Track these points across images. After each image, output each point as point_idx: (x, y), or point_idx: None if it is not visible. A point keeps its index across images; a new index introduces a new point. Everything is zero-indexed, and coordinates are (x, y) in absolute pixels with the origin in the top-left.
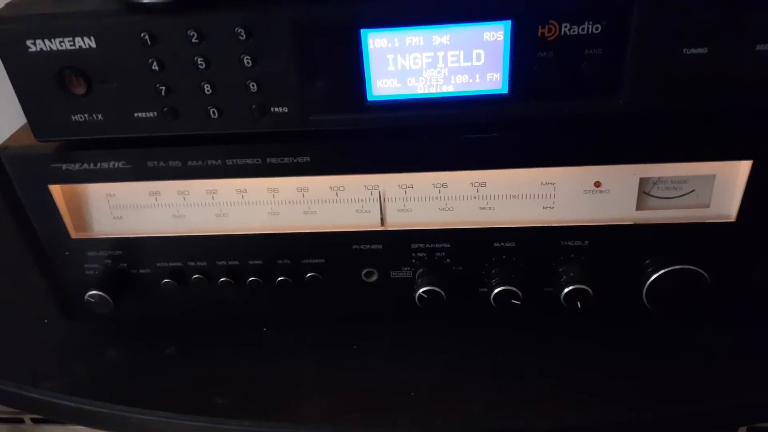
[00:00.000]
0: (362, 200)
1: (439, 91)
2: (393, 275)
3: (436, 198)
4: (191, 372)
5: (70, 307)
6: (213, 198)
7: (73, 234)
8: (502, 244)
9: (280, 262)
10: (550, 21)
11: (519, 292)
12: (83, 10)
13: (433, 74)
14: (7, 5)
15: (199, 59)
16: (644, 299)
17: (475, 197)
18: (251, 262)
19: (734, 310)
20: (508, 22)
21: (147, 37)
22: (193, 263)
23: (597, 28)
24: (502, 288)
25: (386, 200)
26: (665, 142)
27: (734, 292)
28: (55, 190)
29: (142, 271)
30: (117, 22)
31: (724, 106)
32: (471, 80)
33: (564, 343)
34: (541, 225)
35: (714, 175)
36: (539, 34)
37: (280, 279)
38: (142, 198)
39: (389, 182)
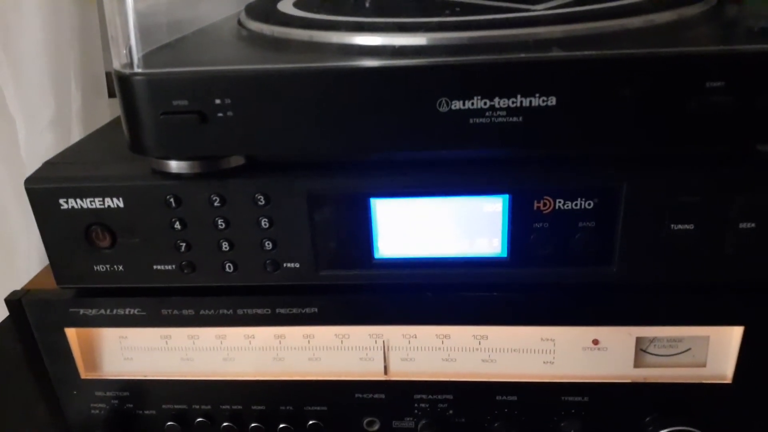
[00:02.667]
0: (366, 348)
1: (441, 254)
2: (395, 425)
3: (439, 348)
4: None
5: None
6: (221, 343)
7: (83, 374)
8: (504, 397)
9: (283, 408)
10: (545, 197)
11: None
12: (114, 174)
13: (436, 239)
14: (45, 165)
15: (219, 220)
16: None
17: (477, 349)
18: (254, 407)
19: None
20: (506, 196)
21: (172, 200)
22: (197, 406)
23: (589, 204)
24: None
25: (390, 349)
26: (658, 307)
27: None
28: (71, 333)
29: (147, 412)
30: (145, 186)
31: (712, 279)
32: (471, 245)
33: None
34: (542, 380)
35: (708, 337)
36: (535, 208)
37: (281, 426)
38: (153, 341)
39: (393, 332)
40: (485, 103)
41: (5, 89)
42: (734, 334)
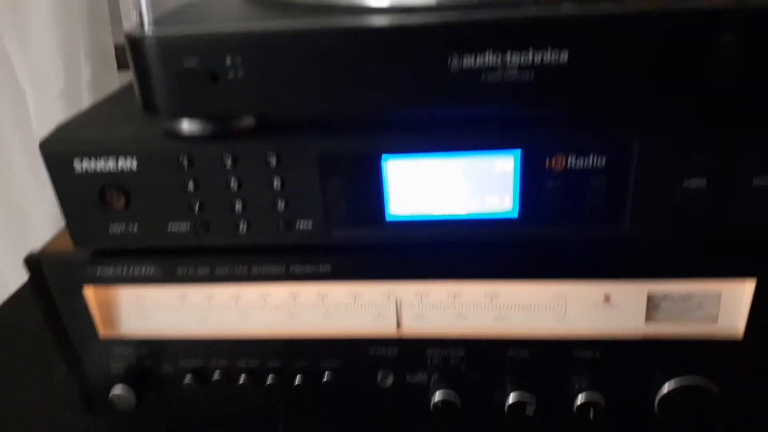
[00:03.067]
0: (379, 306)
1: (452, 213)
2: (408, 380)
3: (451, 306)
4: None
5: (93, 402)
6: (236, 301)
7: (102, 333)
8: (516, 353)
9: (298, 364)
10: (557, 153)
11: (533, 403)
12: (127, 135)
13: (447, 198)
14: (58, 127)
15: (232, 180)
16: (656, 412)
17: (488, 306)
18: (270, 364)
19: (745, 426)
20: (518, 152)
21: (185, 161)
22: (214, 363)
23: (601, 161)
24: (516, 398)
25: (402, 306)
26: (670, 263)
27: (744, 407)
28: (88, 292)
29: (165, 369)
30: (158, 147)
31: (723, 235)
32: (482, 204)
33: None
34: (553, 336)
35: (720, 292)
36: (547, 165)
37: (297, 381)
38: (170, 300)
39: (406, 289)
40: (496, 61)
41: (15, 61)
42: (746, 288)
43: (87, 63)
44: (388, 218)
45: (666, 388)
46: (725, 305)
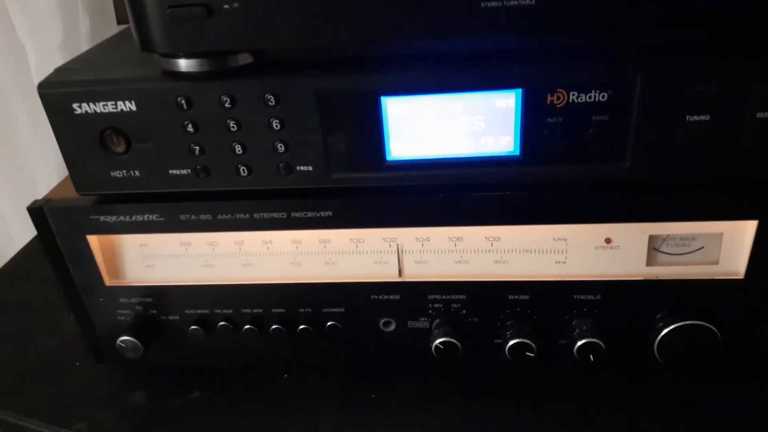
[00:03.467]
0: (381, 252)
1: (453, 153)
2: (410, 325)
3: (452, 251)
4: (214, 417)
5: (102, 351)
6: (240, 249)
7: (108, 281)
8: (517, 296)
9: (302, 310)
10: (559, 89)
11: (533, 345)
12: (125, 76)
13: (448, 138)
14: (56, 71)
15: (231, 122)
16: (656, 354)
17: (489, 251)
18: (274, 311)
19: (745, 366)
20: (519, 91)
21: (183, 101)
22: (219, 311)
23: (603, 97)
24: (517, 340)
25: (404, 252)
26: (672, 203)
27: (745, 348)
28: (93, 240)
29: (171, 317)
30: (156, 87)
31: (727, 173)
32: (484, 144)
33: (575, 396)
34: (554, 279)
35: (722, 233)
36: (548, 102)
37: (301, 327)
38: (174, 248)
39: (407, 235)
40: None
41: (13, 15)
42: (748, 229)
43: (85, 15)
44: (388, 160)
45: (666, 329)
46: (726, 247)
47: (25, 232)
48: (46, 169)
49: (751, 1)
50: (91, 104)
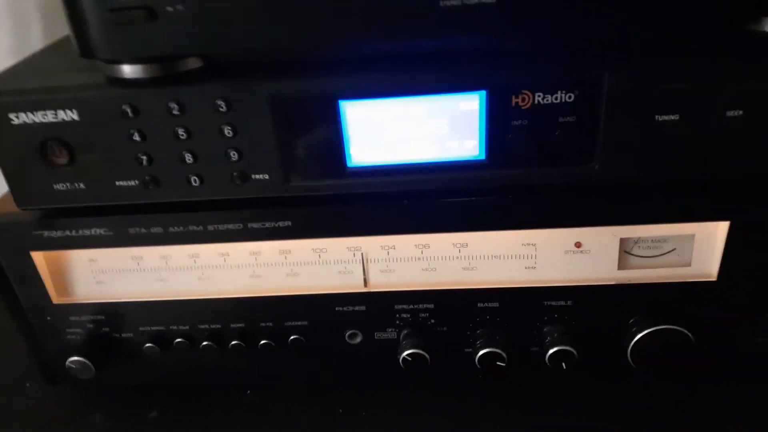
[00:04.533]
0: (345, 261)
1: (417, 159)
2: (377, 336)
3: (419, 258)
4: None
5: (52, 371)
6: (195, 262)
7: (55, 299)
8: (486, 304)
9: (263, 324)
10: (524, 91)
11: (504, 354)
12: (66, 84)
13: (411, 143)
14: None
15: (180, 130)
16: (629, 359)
17: (457, 257)
18: (233, 326)
19: (719, 367)
20: (483, 92)
21: (129, 109)
22: (175, 327)
23: (570, 97)
24: (487, 350)
25: (369, 261)
26: (643, 205)
27: (719, 349)
28: (37, 256)
29: (124, 335)
30: (99, 95)
31: (697, 173)
32: (448, 148)
33: (549, 400)
34: (523, 285)
35: (693, 235)
36: (513, 103)
37: (262, 342)
38: (125, 263)
39: (372, 243)
40: None
41: None
42: (719, 230)
43: (37, 18)
44: (349, 166)
45: (639, 334)
46: (698, 248)
47: None
48: None
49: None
50: (30, 114)
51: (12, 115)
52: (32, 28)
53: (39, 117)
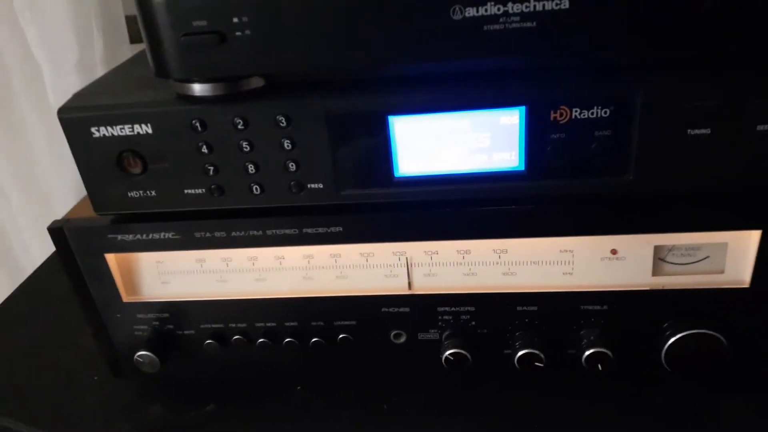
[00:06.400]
0: (391, 265)
1: (459, 169)
2: (420, 337)
3: (460, 264)
4: (229, 429)
5: (119, 365)
6: (253, 264)
7: (125, 298)
8: (525, 308)
9: (314, 323)
10: (561, 106)
11: (542, 355)
12: (141, 100)
13: (454, 155)
14: (75, 96)
15: (244, 143)
16: (663, 362)
17: (497, 263)
18: (287, 324)
19: (752, 374)
20: (523, 108)
21: (198, 124)
22: (233, 325)
23: (605, 112)
24: (526, 351)
25: (413, 265)
26: (677, 214)
27: (751, 355)
28: (110, 258)
29: (186, 332)
30: (171, 111)
31: (729, 184)
32: (489, 160)
33: (585, 403)
34: (561, 290)
35: (726, 243)
36: (552, 118)
37: (314, 340)
38: (189, 264)
39: (416, 249)
40: (499, 9)
41: (29, 36)
42: (752, 238)
43: (99, 36)
44: (396, 176)
45: (673, 338)
46: (731, 256)
47: (43, 248)
48: (62, 185)
49: (748, 23)
50: (109, 128)
51: (93, 129)
52: (95, 45)
53: (117, 130)
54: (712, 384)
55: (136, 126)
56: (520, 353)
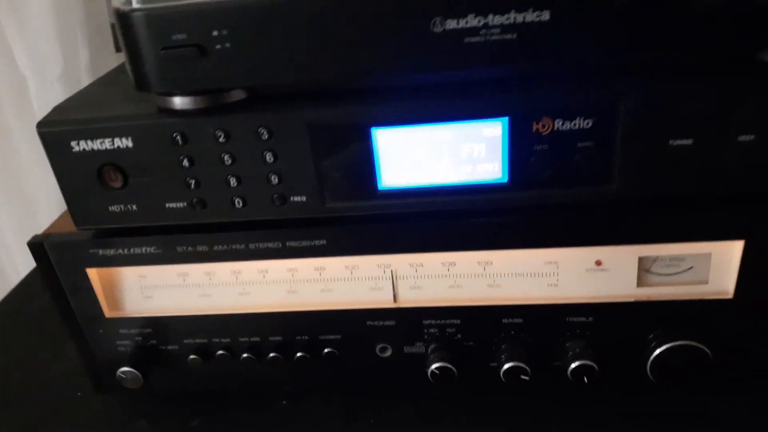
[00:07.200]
0: (375, 278)
1: (443, 181)
2: (406, 350)
3: (446, 276)
4: None
5: (102, 381)
6: (237, 278)
7: (107, 313)
8: (510, 320)
9: (299, 338)
10: (544, 118)
11: (527, 368)
12: (122, 114)
13: (437, 167)
14: (55, 109)
15: (225, 156)
16: (648, 373)
17: (482, 275)
18: (272, 339)
19: (737, 382)
20: (506, 119)
21: (179, 137)
22: (217, 340)
23: (588, 123)
24: (512, 364)
25: (398, 278)
26: (661, 225)
27: (736, 364)
28: (92, 273)
29: (170, 347)
30: (152, 124)
31: (711, 193)
32: (472, 171)
33: (576, 408)
34: (546, 302)
35: (710, 254)
36: (534, 129)
37: (298, 354)
38: (171, 279)
39: (401, 261)
40: (479, 21)
41: (14, 47)
42: (735, 249)
43: (84, 46)
44: (380, 188)
45: (658, 349)
46: (715, 266)
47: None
48: (48, 197)
49: (728, 25)
50: (89, 141)
51: (73, 143)
52: (80, 56)
53: (97, 144)
54: (697, 388)
55: (117, 140)
56: (506, 366)
